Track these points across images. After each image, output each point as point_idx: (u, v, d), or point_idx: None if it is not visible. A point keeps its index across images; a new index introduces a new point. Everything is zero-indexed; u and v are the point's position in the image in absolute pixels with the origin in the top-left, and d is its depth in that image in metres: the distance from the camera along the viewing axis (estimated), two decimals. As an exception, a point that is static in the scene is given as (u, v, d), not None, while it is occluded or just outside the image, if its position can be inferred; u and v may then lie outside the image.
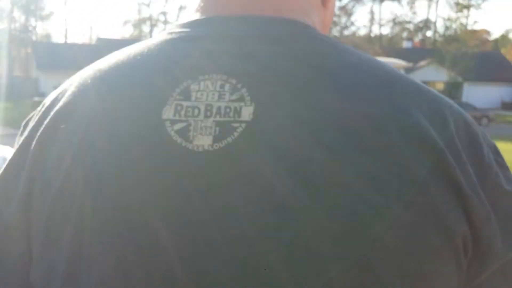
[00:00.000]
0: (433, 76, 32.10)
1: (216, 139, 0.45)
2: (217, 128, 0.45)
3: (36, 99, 24.24)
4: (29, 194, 0.51)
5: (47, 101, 0.57)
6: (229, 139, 0.45)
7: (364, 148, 0.44)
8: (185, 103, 0.47)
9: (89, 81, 0.54)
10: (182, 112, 0.47)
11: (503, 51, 51.55)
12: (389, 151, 0.44)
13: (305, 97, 0.46)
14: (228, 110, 0.46)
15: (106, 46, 39.74)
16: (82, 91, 0.53)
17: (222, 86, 0.47)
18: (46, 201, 0.50)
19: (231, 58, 0.49)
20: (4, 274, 0.54)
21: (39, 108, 0.57)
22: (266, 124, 0.45)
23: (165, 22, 61.31)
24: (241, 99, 0.46)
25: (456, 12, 45.30)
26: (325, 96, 0.46)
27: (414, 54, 36.08)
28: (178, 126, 0.46)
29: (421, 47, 46.12)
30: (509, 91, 36.87)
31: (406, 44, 43.63)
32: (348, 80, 0.48)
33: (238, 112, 0.46)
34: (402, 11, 64.16)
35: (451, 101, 0.50)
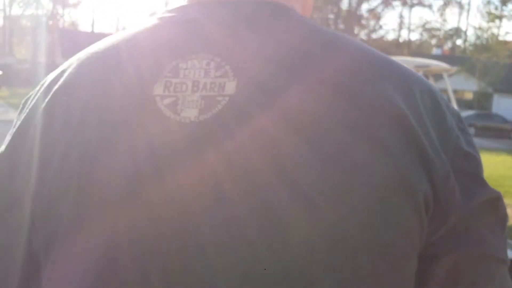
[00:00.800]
0: (462, 85, 31.20)
1: (201, 112, 0.49)
2: (203, 102, 0.50)
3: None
4: (31, 166, 0.55)
5: (47, 80, 0.60)
6: (214, 111, 0.49)
7: (336, 119, 0.48)
8: (174, 80, 0.51)
9: (86, 62, 0.58)
10: (171, 88, 0.51)
11: (535, 63, 50.18)
12: (358, 120, 0.48)
13: (283, 74, 0.50)
14: (213, 85, 0.50)
15: (131, 37, 39.58)
16: (80, 71, 0.57)
17: (207, 64, 0.51)
18: (49, 172, 0.53)
19: (215, 38, 0.53)
20: (10, 243, 0.57)
21: (37, 88, 0.61)
22: (247, 98, 0.49)
23: (192, 16, 60.99)
24: (224, 75, 0.50)
25: (488, 21, 44.20)
26: (301, 72, 0.50)
27: (444, 62, 35.18)
28: (167, 101, 0.50)
29: (451, 54, 45.11)
30: (541, 105, 35.77)
31: (435, 51, 42.70)
32: (321, 57, 0.52)
33: (222, 86, 0.50)
34: (432, 17, 62.96)
35: (420, 75, 0.55)
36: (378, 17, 46.93)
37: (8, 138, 0.59)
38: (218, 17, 0.55)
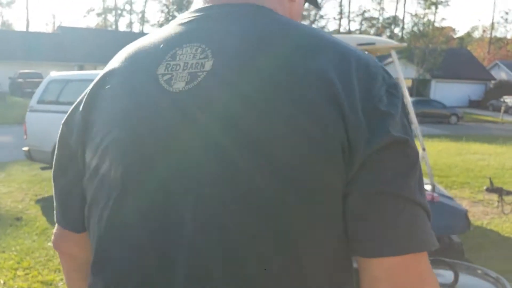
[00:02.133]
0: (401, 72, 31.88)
1: (187, 83, 0.69)
2: (189, 76, 0.69)
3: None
4: (84, 126, 0.79)
5: (103, 70, 0.84)
6: (195, 82, 0.68)
7: (282, 88, 0.65)
8: (172, 62, 0.72)
9: (123, 54, 0.81)
10: (170, 68, 0.72)
11: (469, 48, 51.90)
12: (297, 88, 0.65)
13: (248, 55, 0.69)
14: (197, 64, 0.70)
15: (68, 34, 38.20)
16: (117, 60, 0.81)
17: (196, 50, 0.71)
18: (98, 131, 0.76)
19: (205, 31, 0.74)
20: (70, 188, 0.84)
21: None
22: (220, 72, 0.68)
23: (131, 11, 59.75)
24: (206, 57, 0.70)
25: (424, 8, 45.38)
26: (260, 55, 0.69)
27: (383, 50, 35.64)
28: (166, 77, 0.71)
29: (390, 43, 45.91)
30: (477, 89, 37.02)
31: (375, 40, 43.39)
32: (278, 45, 0.70)
33: (202, 65, 0.70)
34: (371, 6, 64.09)
35: (361, 51, 0.71)
36: (319, 8, 47.23)
37: (72, 106, 0.85)
38: (211, 15, 0.76)
